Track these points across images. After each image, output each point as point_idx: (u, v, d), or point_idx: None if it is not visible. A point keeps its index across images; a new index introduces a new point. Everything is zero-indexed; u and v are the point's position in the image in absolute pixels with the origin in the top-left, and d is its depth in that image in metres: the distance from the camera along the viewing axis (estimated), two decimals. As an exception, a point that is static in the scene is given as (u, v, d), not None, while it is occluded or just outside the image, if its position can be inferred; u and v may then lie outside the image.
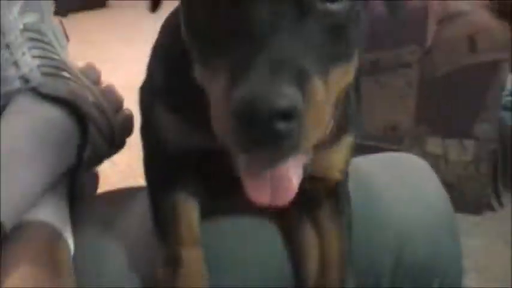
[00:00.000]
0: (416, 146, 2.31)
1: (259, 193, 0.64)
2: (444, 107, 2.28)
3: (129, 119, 1.10)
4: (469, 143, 2.27)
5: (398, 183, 1.01)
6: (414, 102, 2.27)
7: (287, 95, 0.55)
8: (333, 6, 0.64)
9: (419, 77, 2.23)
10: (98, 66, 1.13)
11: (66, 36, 1.14)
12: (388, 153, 1.13)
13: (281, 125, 0.55)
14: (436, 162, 2.30)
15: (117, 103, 1.10)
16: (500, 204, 2.38)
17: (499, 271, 2.08)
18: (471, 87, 2.21)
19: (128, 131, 1.11)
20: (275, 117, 0.54)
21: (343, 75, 0.67)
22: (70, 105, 1.01)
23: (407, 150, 2.24)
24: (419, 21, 2.13)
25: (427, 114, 2.29)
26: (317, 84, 0.59)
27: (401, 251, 0.93)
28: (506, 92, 2.81)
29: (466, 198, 2.33)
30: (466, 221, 2.31)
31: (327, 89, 0.62)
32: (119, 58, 0.84)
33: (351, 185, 0.93)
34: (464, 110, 2.25)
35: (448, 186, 2.25)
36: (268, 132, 0.55)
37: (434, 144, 2.31)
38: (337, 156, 0.87)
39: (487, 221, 2.34)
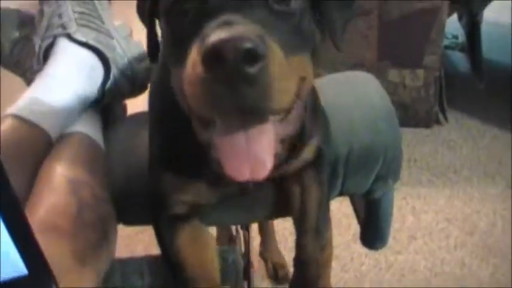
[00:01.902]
0: (379, 76, 2.29)
1: (239, 171, 0.59)
2: (399, 44, 2.27)
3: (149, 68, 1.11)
4: (420, 72, 2.27)
5: (348, 92, 1.03)
6: (375, 42, 2.26)
7: (250, 38, 0.51)
8: (287, 8, 0.62)
9: (378, 21, 2.21)
10: (137, 24, 1.14)
11: (108, 1, 1.15)
12: (342, 73, 1.13)
13: (247, 67, 0.51)
14: (396, 88, 2.31)
15: (140, 54, 1.10)
16: (445, 118, 2.40)
17: (443, 167, 2.12)
18: (419, 27, 2.20)
19: (148, 77, 1.10)
20: (241, 58, 0.50)
21: (300, 64, 0.63)
22: (95, 50, 1.04)
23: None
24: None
25: (386, 51, 2.28)
26: (276, 46, 0.55)
27: (352, 141, 0.94)
28: (449, 36, 2.82)
29: (419, 115, 2.35)
30: (419, 133, 2.34)
31: (288, 62, 0.57)
32: None
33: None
34: (415, 45, 2.24)
35: (405, 106, 2.31)
36: (236, 75, 0.51)
37: (393, 74, 2.31)
38: (308, 155, 0.85)
39: (435, 132, 2.36)
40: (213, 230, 1.51)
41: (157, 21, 0.75)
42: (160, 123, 0.85)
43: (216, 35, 0.51)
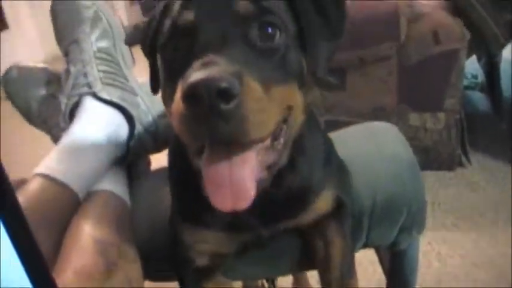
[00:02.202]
0: (400, 121, 2.31)
1: (222, 199, 0.61)
2: (419, 88, 2.28)
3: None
4: (441, 115, 2.26)
5: (370, 143, 1.03)
6: (395, 86, 2.27)
7: (224, 77, 0.55)
8: (271, 44, 0.65)
9: (398, 66, 2.22)
10: None
11: (133, 59, 1.18)
12: (364, 123, 1.14)
13: (221, 105, 0.54)
14: (417, 132, 2.30)
15: (163, 110, 1.12)
16: (468, 160, 2.39)
17: (468, 210, 2.10)
18: (438, 71, 2.20)
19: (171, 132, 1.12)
20: (215, 97, 0.54)
21: (284, 94, 0.65)
22: (120, 108, 1.06)
23: (394, 125, 2.24)
24: (393, 22, 2.14)
25: (406, 95, 2.28)
26: (252, 81, 0.58)
27: (375, 193, 0.95)
28: (468, 76, 2.82)
29: (441, 158, 2.34)
30: (442, 175, 2.32)
31: (268, 94, 0.60)
32: None
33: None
34: (435, 89, 2.24)
35: (427, 149, 2.30)
36: (212, 112, 0.54)
37: (414, 118, 2.30)
38: (322, 207, 0.86)
39: (458, 174, 2.34)
40: (237, 284, 1.51)
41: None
42: (177, 175, 0.87)
43: (194, 75, 0.55)
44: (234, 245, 0.86)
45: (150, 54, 0.78)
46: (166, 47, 0.69)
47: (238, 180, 0.62)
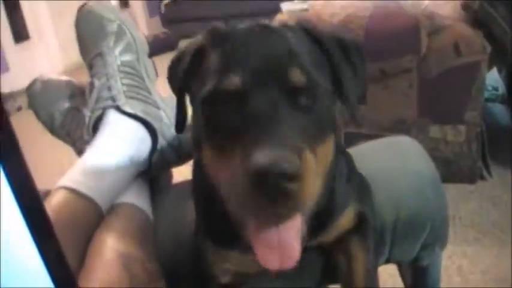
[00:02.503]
0: (421, 133, 2.30)
1: (270, 261, 0.64)
2: (440, 100, 2.27)
3: None
4: (462, 127, 2.25)
5: (392, 158, 1.03)
6: (416, 99, 2.26)
7: (291, 161, 0.57)
8: (314, 108, 0.67)
9: (418, 79, 2.22)
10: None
11: (156, 73, 1.19)
12: (385, 137, 1.14)
13: (288, 185, 0.57)
14: (438, 144, 2.29)
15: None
16: (489, 174, 2.37)
17: (489, 224, 2.08)
18: (459, 83, 2.19)
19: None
20: (282, 179, 0.56)
21: (325, 150, 0.69)
22: (143, 121, 1.07)
23: (415, 137, 2.24)
24: (414, 34, 2.14)
25: (427, 108, 2.28)
26: (309, 157, 0.62)
27: (399, 209, 0.94)
28: (489, 88, 2.81)
29: (462, 170, 2.32)
30: (463, 189, 2.30)
31: (315, 157, 0.64)
32: None
33: (358, 165, 0.93)
34: (456, 101, 2.23)
35: (448, 162, 2.28)
36: (278, 192, 0.57)
37: (435, 131, 2.29)
38: (345, 224, 0.87)
39: (479, 188, 2.32)
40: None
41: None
42: (201, 193, 0.86)
43: (261, 158, 0.57)
44: (256, 266, 0.86)
45: (178, 92, 0.80)
46: (207, 103, 0.69)
47: (286, 241, 0.64)
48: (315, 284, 0.99)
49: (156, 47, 5.47)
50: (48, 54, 5.33)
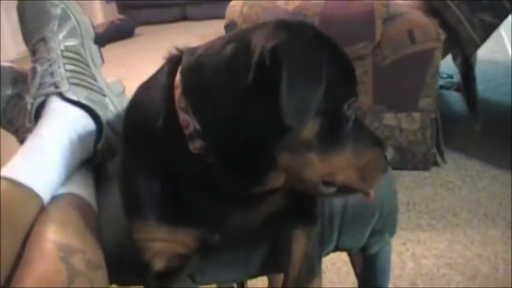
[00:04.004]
0: (376, 120, 2.32)
1: None
2: (395, 88, 2.29)
3: None
4: (416, 115, 2.27)
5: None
6: (371, 86, 2.28)
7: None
8: None
9: (373, 66, 2.23)
10: (129, 82, 1.15)
11: (102, 59, 1.16)
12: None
13: None
14: (392, 131, 2.31)
15: None
16: (443, 160, 2.40)
17: (443, 210, 2.11)
18: (414, 70, 2.21)
19: None
20: None
21: None
22: (87, 108, 1.04)
23: (369, 124, 2.26)
24: (369, 21, 2.14)
25: (382, 95, 2.29)
26: None
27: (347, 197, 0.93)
28: (444, 76, 2.84)
29: (416, 157, 2.35)
30: (417, 176, 2.33)
31: None
32: (145, 75, 0.86)
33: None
34: (410, 88, 2.26)
35: (402, 149, 2.30)
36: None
37: (389, 118, 2.31)
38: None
39: (433, 174, 2.35)
40: None
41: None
42: (137, 171, 0.84)
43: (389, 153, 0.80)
44: (191, 241, 0.84)
45: None
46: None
47: None
48: (260, 271, 0.98)
49: (112, 34, 5.41)
50: None
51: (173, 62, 0.81)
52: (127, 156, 0.87)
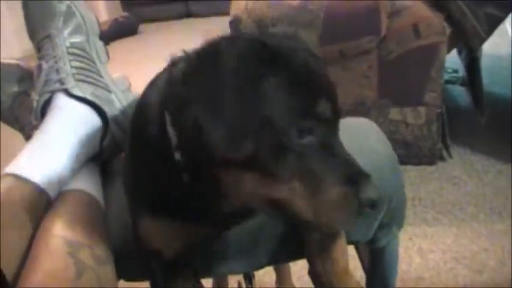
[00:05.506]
0: (381, 115, 2.31)
1: None
2: (400, 82, 2.28)
3: None
4: (422, 109, 2.26)
5: (349, 139, 1.01)
6: (376, 81, 2.27)
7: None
8: None
9: (378, 60, 2.22)
10: (134, 79, 1.15)
11: (108, 55, 1.15)
12: (344, 119, 1.12)
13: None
14: (398, 126, 2.31)
15: None
16: (449, 154, 2.39)
17: (449, 205, 2.10)
18: (419, 65, 2.20)
19: None
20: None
21: None
22: (93, 105, 1.04)
23: (375, 119, 2.25)
24: (374, 16, 2.13)
25: (387, 90, 2.29)
26: None
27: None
28: (449, 70, 2.83)
29: (422, 152, 2.34)
30: (423, 170, 2.33)
31: None
32: (150, 72, 0.86)
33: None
34: (416, 83, 2.25)
35: (408, 144, 2.30)
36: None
37: (395, 113, 2.31)
38: None
39: (439, 168, 2.35)
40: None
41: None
42: (148, 168, 0.83)
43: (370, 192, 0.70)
44: (195, 236, 0.84)
45: None
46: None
47: None
48: (270, 260, 0.98)
49: (116, 32, 5.40)
50: (3, 39, 5.20)
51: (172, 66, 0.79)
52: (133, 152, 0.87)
